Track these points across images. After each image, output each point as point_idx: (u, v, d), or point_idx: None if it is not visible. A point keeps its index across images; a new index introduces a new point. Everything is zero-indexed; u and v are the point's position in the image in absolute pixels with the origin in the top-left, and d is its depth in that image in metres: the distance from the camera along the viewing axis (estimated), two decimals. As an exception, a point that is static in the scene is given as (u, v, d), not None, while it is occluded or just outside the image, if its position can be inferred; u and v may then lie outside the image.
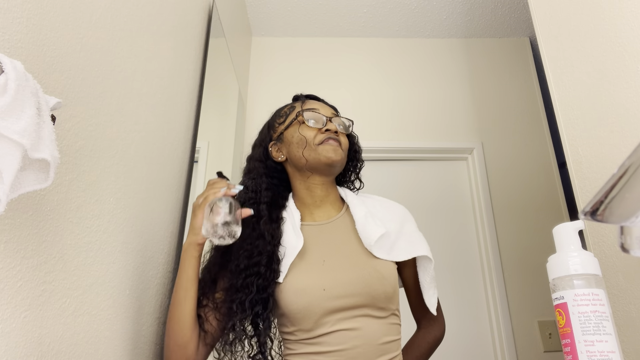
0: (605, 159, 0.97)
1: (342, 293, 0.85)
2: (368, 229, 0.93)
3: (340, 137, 0.98)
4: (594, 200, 0.41)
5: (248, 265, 0.88)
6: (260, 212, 0.95)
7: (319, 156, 0.95)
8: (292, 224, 0.96)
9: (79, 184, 0.70)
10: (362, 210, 0.97)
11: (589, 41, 1.03)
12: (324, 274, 0.88)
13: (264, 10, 2.29)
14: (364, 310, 0.86)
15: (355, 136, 1.10)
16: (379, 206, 1.03)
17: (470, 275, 2.07)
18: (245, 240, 0.91)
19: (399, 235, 0.97)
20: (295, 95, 1.10)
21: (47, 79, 0.61)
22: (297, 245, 0.91)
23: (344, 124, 1.03)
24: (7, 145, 0.43)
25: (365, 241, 0.92)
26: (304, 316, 0.85)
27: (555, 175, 2.19)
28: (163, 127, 1.07)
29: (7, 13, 0.53)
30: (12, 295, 0.54)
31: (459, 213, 2.18)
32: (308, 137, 0.96)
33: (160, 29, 1.05)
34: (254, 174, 1.02)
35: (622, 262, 0.90)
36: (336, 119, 1.01)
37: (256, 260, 0.89)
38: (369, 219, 0.94)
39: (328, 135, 0.96)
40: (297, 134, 0.98)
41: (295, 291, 0.86)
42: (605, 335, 0.56)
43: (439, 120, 2.30)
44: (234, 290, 0.87)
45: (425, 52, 2.46)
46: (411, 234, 1.00)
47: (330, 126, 0.98)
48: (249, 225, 0.93)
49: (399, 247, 0.94)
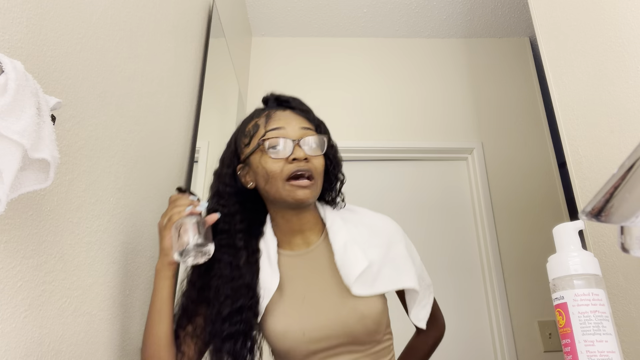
0: (605, 159, 0.97)
1: (321, 336, 0.83)
2: (347, 264, 0.85)
3: (311, 163, 0.86)
4: (595, 201, 0.41)
5: (232, 312, 0.82)
6: (236, 246, 0.88)
7: (286, 197, 0.85)
8: (267, 256, 0.89)
9: (79, 184, 0.70)
10: (342, 238, 0.88)
11: (589, 41, 1.03)
12: (303, 315, 0.84)
13: (264, 10, 2.29)
14: (346, 347, 0.84)
15: (334, 146, 0.97)
16: (361, 226, 0.93)
17: (470, 275, 2.07)
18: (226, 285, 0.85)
19: (383, 263, 0.88)
20: (264, 97, 0.99)
21: (47, 79, 0.61)
22: (272, 286, 0.85)
23: (318, 142, 0.88)
24: (7, 145, 0.43)
25: (345, 279, 0.84)
26: (286, 356, 0.85)
27: (555, 175, 2.19)
28: (163, 127, 1.07)
29: (7, 13, 0.53)
30: (12, 295, 0.54)
31: (459, 213, 2.18)
32: (274, 172, 0.84)
33: (160, 29, 1.05)
34: (225, 200, 0.91)
35: (622, 262, 0.90)
36: (306, 140, 0.87)
37: (239, 305, 0.83)
38: (348, 251, 0.86)
39: (297, 167, 0.84)
40: (261, 167, 0.86)
41: (276, 335, 0.83)
42: (605, 335, 0.56)
43: (439, 120, 2.30)
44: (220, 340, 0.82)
45: (425, 52, 2.46)
46: (398, 259, 0.91)
47: (298, 153, 0.84)
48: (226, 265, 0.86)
49: (382, 277, 0.87)
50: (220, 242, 0.87)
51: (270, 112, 0.92)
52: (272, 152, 0.85)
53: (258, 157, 0.87)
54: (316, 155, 0.88)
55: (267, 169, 0.85)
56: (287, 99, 0.96)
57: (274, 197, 0.87)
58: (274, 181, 0.85)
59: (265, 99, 0.99)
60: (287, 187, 0.84)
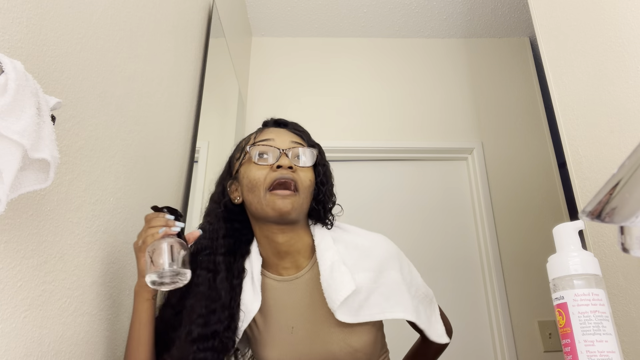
0: (605, 159, 0.97)
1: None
2: (333, 286, 0.79)
3: (296, 174, 0.82)
4: (595, 201, 0.41)
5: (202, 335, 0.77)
6: (216, 266, 0.83)
7: (265, 207, 0.80)
8: (250, 279, 0.84)
9: (79, 184, 0.70)
10: (329, 259, 0.83)
11: (589, 41, 1.03)
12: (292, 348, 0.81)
13: (264, 10, 2.29)
14: None
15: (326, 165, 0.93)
16: (352, 247, 0.87)
17: (470, 276, 2.07)
18: (200, 302, 0.79)
19: (372, 288, 0.82)
20: (264, 120, 0.96)
21: (47, 79, 0.61)
22: (252, 309, 0.81)
23: (306, 155, 0.85)
24: (7, 145, 0.43)
25: (329, 303, 0.79)
26: None
27: (555, 175, 2.19)
28: (163, 127, 1.07)
29: (7, 13, 0.53)
30: (12, 295, 0.54)
31: (459, 213, 2.18)
32: (257, 179, 0.81)
33: (160, 29, 1.05)
34: (212, 218, 0.88)
35: (622, 262, 0.90)
36: (294, 150, 0.84)
37: (212, 329, 0.77)
38: (335, 273, 0.81)
39: (280, 174, 0.80)
40: (246, 175, 0.83)
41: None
42: (605, 335, 0.56)
43: (439, 120, 2.31)
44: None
45: (426, 52, 2.46)
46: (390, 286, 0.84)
47: (283, 161, 0.81)
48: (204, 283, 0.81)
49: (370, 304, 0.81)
50: (202, 261, 0.83)
51: (264, 128, 0.91)
52: (258, 159, 0.83)
53: (245, 167, 0.85)
54: (303, 167, 0.84)
55: (251, 177, 0.82)
56: (285, 121, 0.94)
57: (255, 209, 0.83)
58: (256, 190, 0.81)
59: (265, 122, 0.96)
60: (268, 197, 0.80)
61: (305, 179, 0.84)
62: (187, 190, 1.23)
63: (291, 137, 0.88)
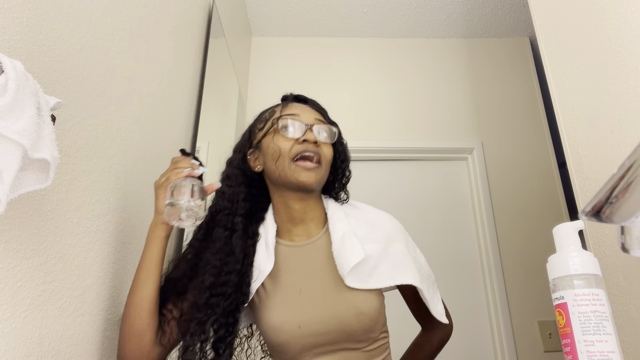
0: (605, 159, 0.97)
1: (317, 331, 0.81)
2: (344, 254, 0.84)
3: (320, 149, 0.88)
4: (595, 201, 0.41)
5: (214, 284, 0.81)
6: (234, 225, 0.88)
7: (290, 177, 0.86)
8: (265, 241, 0.89)
9: (79, 184, 0.70)
10: (341, 230, 0.88)
11: (589, 41, 1.03)
12: (299, 309, 0.83)
13: (264, 10, 2.29)
14: (342, 345, 0.83)
15: (344, 143, 1.00)
16: (362, 220, 0.93)
17: (470, 275, 2.07)
18: (215, 255, 0.84)
19: (381, 258, 0.87)
20: (283, 95, 1.02)
21: (47, 79, 0.61)
22: (266, 269, 0.85)
23: (329, 132, 0.92)
24: (7, 145, 0.43)
25: (339, 269, 0.84)
26: (281, 350, 0.83)
27: (555, 175, 2.19)
28: (163, 127, 1.07)
29: (7, 13, 0.53)
30: (12, 295, 0.54)
31: (459, 213, 2.18)
32: (283, 149, 0.87)
33: (160, 29, 1.05)
34: (232, 181, 0.93)
35: (622, 262, 0.90)
36: (318, 127, 0.90)
37: (224, 279, 0.82)
38: (346, 242, 0.86)
39: (305, 147, 0.86)
40: (272, 145, 0.88)
41: (270, 327, 0.82)
42: (605, 335, 0.56)
43: (439, 120, 2.31)
44: (196, 309, 0.80)
45: (425, 52, 2.46)
46: (397, 256, 0.89)
47: (309, 136, 0.87)
48: (221, 239, 0.86)
49: (379, 272, 0.85)
50: (220, 220, 0.88)
51: (288, 103, 0.96)
52: (285, 131, 0.88)
53: (270, 137, 0.90)
54: (326, 142, 0.91)
55: (278, 146, 0.87)
56: (305, 97, 1.00)
57: (279, 177, 0.88)
58: (281, 159, 0.87)
59: (284, 97, 1.01)
60: (293, 167, 0.86)
61: (328, 154, 0.90)
62: (187, 190, 1.23)
63: (314, 114, 0.94)
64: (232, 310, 0.81)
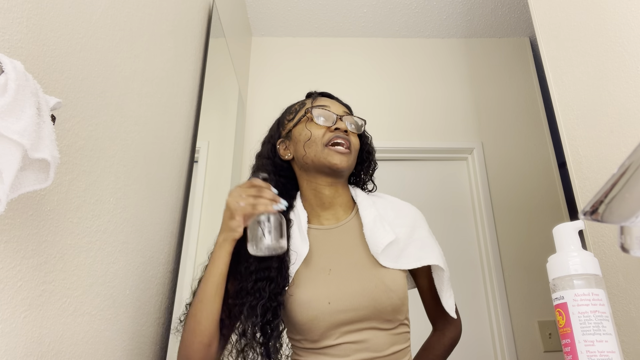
0: (605, 159, 0.97)
1: (347, 307, 0.83)
2: (376, 235, 0.89)
3: (350, 137, 0.94)
4: (594, 200, 0.41)
5: (258, 268, 0.85)
6: None
7: (323, 160, 0.91)
8: (298, 227, 0.92)
9: (79, 184, 0.70)
10: (372, 214, 0.93)
11: (589, 41, 1.03)
12: (329, 286, 0.85)
13: (264, 10, 2.29)
14: (370, 323, 0.84)
15: (369, 137, 1.07)
16: (389, 209, 0.98)
17: (470, 276, 2.07)
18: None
19: (408, 242, 0.92)
20: (308, 92, 1.07)
21: (47, 79, 0.61)
22: (302, 252, 0.88)
23: (356, 123, 0.98)
24: (7, 145, 0.43)
25: (372, 248, 0.88)
26: (309, 328, 0.84)
27: (555, 175, 2.19)
28: (163, 127, 1.07)
29: (7, 13, 0.53)
30: (12, 295, 0.54)
31: (459, 213, 2.18)
32: (316, 135, 0.93)
33: (160, 29, 1.05)
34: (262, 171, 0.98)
35: (622, 262, 0.90)
36: (348, 118, 0.97)
37: (267, 264, 0.86)
38: (377, 224, 0.90)
39: (337, 134, 0.92)
40: (305, 131, 0.94)
41: (300, 303, 0.84)
42: (605, 335, 0.56)
43: (439, 120, 2.30)
44: (244, 293, 0.84)
45: (425, 52, 2.46)
46: (422, 240, 0.95)
47: (340, 125, 0.94)
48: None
49: (407, 255, 0.90)
50: None
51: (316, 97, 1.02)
52: (317, 119, 0.94)
53: (302, 125, 0.96)
54: (354, 133, 0.97)
55: (311, 132, 0.93)
56: (330, 94, 1.07)
57: (312, 162, 0.93)
58: (314, 145, 0.92)
59: (309, 93, 1.07)
60: (326, 151, 0.91)
61: (356, 143, 0.97)
62: (187, 190, 1.23)
63: (342, 107, 1.01)
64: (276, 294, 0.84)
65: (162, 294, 1.02)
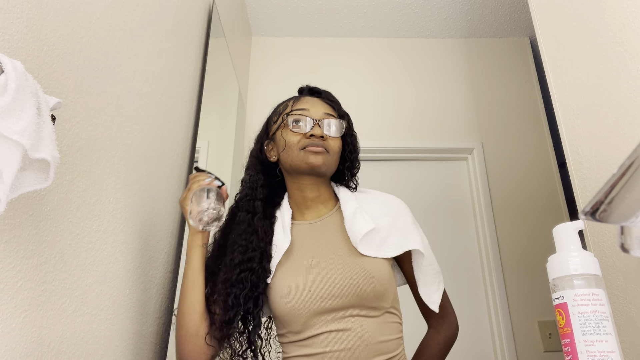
0: (605, 159, 0.97)
1: (328, 294, 0.84)
2: (355, 225, 0.90)
3: (327, 142, 0.94)
4: (594, 200, 0.41)
5: (242, 261, 0.90)
6: (255, 208, 0.96)
7: (300, 162, 0.93)
8: (282, 223, 0.96)
9: (79, 184, 0.70)
10: (352, 207, 0.95)
11: (589, 41, 1.03)
12: (311, 275, 0.87)
13: (264, 10, 2.29)
14: (353, 311, 0.85)
15: (354, 134, 1.06)
16: (372, 201, 1.00)
17: (470, 275, 2.07)
18: (241, 236, 0.93)
19: (391, 231, 0.94)
20: (299, 87, 1.09)
21: (47, 79, 0.61)
22: (283, 246, 0.91)
23: (337, 126, 0.97)
24: (7, 145, 0.43)
25: (352, 238, 0.90)
26: (291, 318, 0.86)
27: (555, 175, 2.19)
28: (163, 127, 1.07)
29: (7, 13, 0.53)
30: (12, 295, 0.54)
31: (459, 213, 2.18)
32: (291, 142, 0.95)
33: (160, 29, 1.05)
34: (251, 171, 1.02)
35: (622, 262, 0.90)
36: (326, 122, 0.96)
37: (250, 255, 0.90)
38: (357, 215, 0.92)
39: (312, 141, 0.93)
40: (281, 139, 0.97)
41: (281, 293, 0.87)
42: (605, 335, 0.56)
43: (439, 120, 2.30)
44: (229, 284, 0.88)
45: (426, 52, 2.46)
46: (404, 228, 0.96)
47: (316, 131, 0.94)
48: (245, 221, 0.95)
49: (389, 243, 0.92)
50: (243, 205, 0.98)
51: (300, 97, 1.03)
52: (294, 126, 0.95)
53: (281, 131, 0.98)
54: (333, 137, 0.97)
55: (287, 140, 0.95)
56: (319, 90, 1.07)
57: (290, 165, 0.96)
58: (290, 150, 0.95)
59: (300, 89, 1.08)
60: (302, 154, 0.93)
61: (335, 146, 0.97)
62: (187, 190, 1.23)
63: (324, 107, 1.00)
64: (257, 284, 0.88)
65: (162, 294, 1.02)
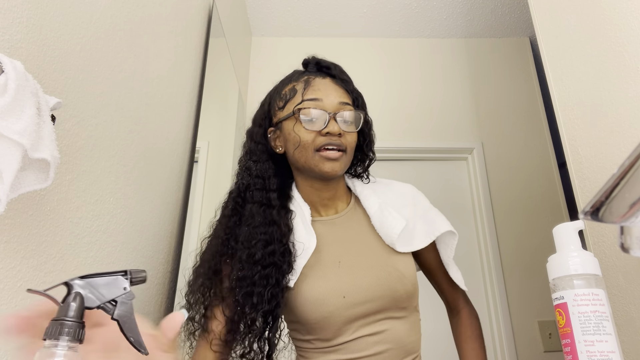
0: (605, 159, 0.97)
1: (362, 299, 0.79)
2: (387, 224, 0.85)
3: (344, 138, 0.84)
4: (594, 200, 0.41)
5: (264, 255, 0.80)
6: (270, 200, 0.86)
7: (314, 167, 0.84)
8: (301, 218, 0.87)
9: (79, 184, 0.70)
10: (376, 203, 0.89)
11: (589, 41, 1.03)
12: (342, 279, 0.80)
13: (264, 10, 2.29)
14: (386, 313, 0.81)
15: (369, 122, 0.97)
16: (389, 192, 0.95)
17: (470, 276, 2.07)
18: (258, 229, 0.82)
19: (415, 219, 0.90)
20: (304, 60, 0.97)
21: (47, 79, 0.61)
22: (309, 245, 0.82)
23: (353, 119, 0.87)
24: (7, 145, 0.43)
25: (387, 238, 0.85)
26: (323, 326, 0.79)
27: (555, 175, 2.19)
28: (163, 127, 1.06)
29: (7, 13, 0.53)
30: (12, 295, 0.54)
31: (459, 213, 2.18)
32: (305, 141, 0.83)
33: (160, 29, 1.05)
34: (257, 157, 0.90)
35: (622, 262, 0.90)
36: (342, 114, 0.85)
37: (272, 249, 0.81)
38: (384, 212, 0.87)
39: (329, 140, 0.83)
40: (293, 135, 0.85)
41: (312, 301, 0.78)
42: (605, 335, 0.56)
43: (439, 120, 2.30)
44: (249, 283, 0.78)
45: (426, 52, 2.46)
46: (426, 213, 0.93)
47: (332, 128, 0.82)
48: (259, 213, 0.84)
49: (418, 233, 0.88)
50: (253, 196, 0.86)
51: (310, 79, 0.90)
52: (307, 122, 0.84)
53: (291, 124, 0.86)
54: (350, 131, 0.86)
55: (300, 137, 0.84)
56: (329, 65, 0.95)
57: (302, 166, 0.86)
58: (304, 150, 0.84)
59: (305, 62, 0.98)
60: (317, 157, 0.83)
61: (352, 141, 0.87)
62: (187, 190, 1.23)
63: (338, 94, 0.88)
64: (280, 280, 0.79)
65: (162, 294, 1.02)
